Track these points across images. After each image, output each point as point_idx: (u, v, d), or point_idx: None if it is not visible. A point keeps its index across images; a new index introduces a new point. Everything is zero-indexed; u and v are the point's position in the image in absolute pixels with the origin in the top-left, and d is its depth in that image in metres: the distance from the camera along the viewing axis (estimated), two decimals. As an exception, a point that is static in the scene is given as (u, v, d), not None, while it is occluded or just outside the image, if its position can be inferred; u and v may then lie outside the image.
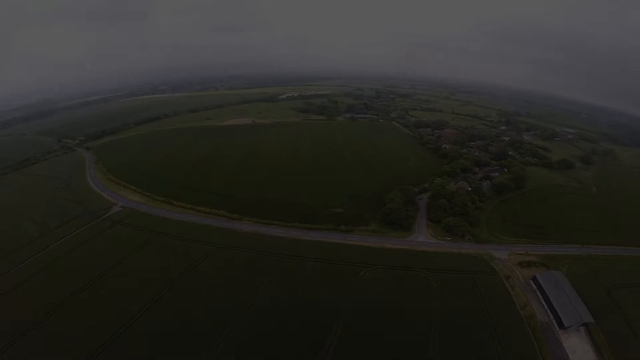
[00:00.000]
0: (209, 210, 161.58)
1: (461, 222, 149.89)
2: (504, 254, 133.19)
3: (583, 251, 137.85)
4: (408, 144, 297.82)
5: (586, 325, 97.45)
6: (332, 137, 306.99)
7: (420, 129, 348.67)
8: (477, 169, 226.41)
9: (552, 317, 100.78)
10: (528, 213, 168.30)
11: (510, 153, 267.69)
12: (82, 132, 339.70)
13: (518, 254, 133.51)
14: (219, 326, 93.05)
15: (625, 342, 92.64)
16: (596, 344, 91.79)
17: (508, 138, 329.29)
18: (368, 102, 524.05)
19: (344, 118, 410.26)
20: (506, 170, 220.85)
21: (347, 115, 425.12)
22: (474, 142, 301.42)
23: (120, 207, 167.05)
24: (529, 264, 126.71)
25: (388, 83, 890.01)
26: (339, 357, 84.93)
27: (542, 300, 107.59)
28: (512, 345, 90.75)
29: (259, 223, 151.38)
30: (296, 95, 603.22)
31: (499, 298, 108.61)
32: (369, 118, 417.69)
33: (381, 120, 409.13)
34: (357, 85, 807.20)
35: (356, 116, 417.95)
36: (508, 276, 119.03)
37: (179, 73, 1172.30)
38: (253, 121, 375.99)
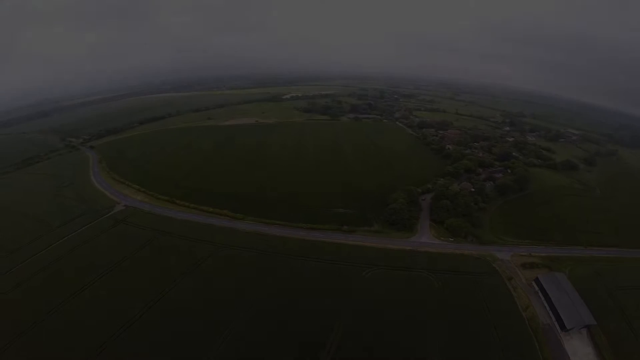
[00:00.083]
0: (212, 209, 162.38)
1: (464, 223, 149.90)
2: (507, 255, 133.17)
3: (586, 253, 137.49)
4: (412, 145, 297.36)
5: (588, 327, 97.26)
6: (336, 137, 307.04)
7: (424, 130, 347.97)
8: (481, 170, 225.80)
9: (554, 319, 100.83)
10: (531, 214, 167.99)
11: (514, 154, 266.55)
12: (86, 131, 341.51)
13: (521, 256, 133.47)
14: (221, 326, 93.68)
15: (626, 345, 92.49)
16: (598, 346, 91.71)
17: (512, 139, 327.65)
18: (372, 102, 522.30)
19: (348, 118, 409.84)
20: (510, 171, 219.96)
21: (351, 115, 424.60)
22: (478, 143, 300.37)
23: (123, 206, 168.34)
24: (532, 266, 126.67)
25: (392, 83, 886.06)
26: (340, 357, 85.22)
27: (545, 302, 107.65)
28: (514, 347, 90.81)
29: (262, 223, 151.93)
30: (300, 95, 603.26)
31: (501, 299, 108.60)
32: (373, 118, 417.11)
33: (385, 120, 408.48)
34: (361, 85, 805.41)
35: (360, 116, 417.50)
36: (510, 277, 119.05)
37: (182, 73, 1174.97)
38: (256, 121, 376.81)
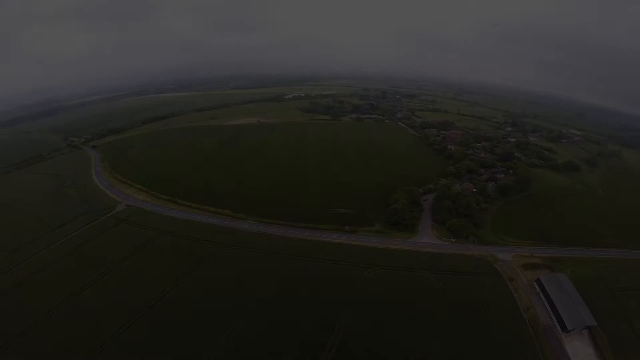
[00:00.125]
0: (214, 209, 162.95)
1: (466, 224, 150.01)
2: (508, 256, 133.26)
3: (587, 254, 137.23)
4: (413, 145, 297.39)
5: (589, 328, 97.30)
6: (338, 137, 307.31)
7: (426, 130, 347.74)
8: (483, 170, 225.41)
9: (555, 320, 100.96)
10: (533, 215, 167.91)
11: (516, 154, 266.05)
12: (88, 131, 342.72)
13: (522, 256, 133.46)
14: (222, 325, 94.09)
15: (627, 346, 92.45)
16: (599, 347, 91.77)
17: (514, 139, 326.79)
18: (374, 103, 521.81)
19: (350, 118, 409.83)
20: (511, 171, 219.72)
21: (353, 115, 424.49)
22: (480, 143, 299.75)
23: (125, 206, 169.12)
24: (533, 266, 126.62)
25: (394, 83, 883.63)
26: (341, 358, 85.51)
27: (546, 302, 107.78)
28: (515, 348, 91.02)
29: (264, 223, 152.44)
30: (302, 95, 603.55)
31: (502, 300, 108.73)
32: (375, 118, 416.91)
33: (387, 120, 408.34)
34: (363, 85, 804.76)
35: (362, 116, 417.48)
36: (512, 278, 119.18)
37: (184, 73, 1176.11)
38: (258, 121, 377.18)
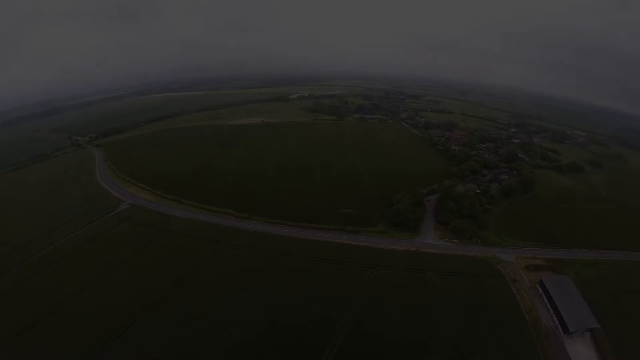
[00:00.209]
0: (217, 209, 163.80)
1: (469, 225, 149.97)
2: (511, 257, 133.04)
3: (591, 256, 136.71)
4: (417, 145, 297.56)
5: (591, 330, 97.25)
6: (341, 137, 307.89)
7: (429, 130, 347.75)
8: (486, 171, 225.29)
9: (558, 322, 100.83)
10: (536, 216, 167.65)
11: (519, 155, 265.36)
12: (92, 130, 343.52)
13: (525, 258, 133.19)
14: (223, 325, 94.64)
15: (630, 349, 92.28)
16: (601, 350, 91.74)
17: (518, 140, 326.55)
18: (378, 103, 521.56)
19: (354, 118, 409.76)
20: (515, 172, 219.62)
21: (357, 115, 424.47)
22: (484, 144, 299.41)
23: (128, 205, 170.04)
24: (536, 268, 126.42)
25: (398, 84, 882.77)
26: (342, 358, 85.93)
27: (548, 304, 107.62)
28: (516, 350, 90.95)
29: (267, 222, 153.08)
30: (306, 95, 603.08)
31: (505, 302, 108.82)
32: (378, 119, 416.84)
33: (390, 121, 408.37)
34: (367, 85, 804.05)
35: (365, 117, 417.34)
36: (514, 280, 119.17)
37: (189, 72, 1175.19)
38: (262, 121, 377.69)
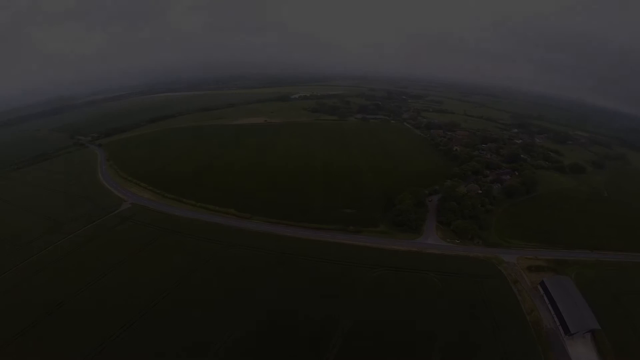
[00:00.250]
0: (219, 208, 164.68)
1: (471, 225, 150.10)
2: (513, 258, 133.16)
3: (592, 257, 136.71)
4: (419, 146, 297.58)
5: (592, 332, 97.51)
6: (343, 138, 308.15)
7: (431, 131, 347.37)
8: (488, 172, 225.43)
9: (559, 323, 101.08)
10: (538, 217, 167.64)
11: (522, 156, 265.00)
12: (95, 129, 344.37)
13: (527, 259, 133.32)
14: (224, 325, 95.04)
15: (631, 350, 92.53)
16: (601, 351, 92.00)
17: (520, 141, 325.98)
18: (380, 103, 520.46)
19: (356, 118, 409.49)
20: (517, 173, 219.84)
21: (359, 115, 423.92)
22: (486, 145, 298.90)
23: (130, 204, 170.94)
24: (538, 269, 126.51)
25: (400, 84, 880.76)
26: (343, 358, 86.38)
27: (549, 305, 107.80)
28: (516, 350, 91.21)
29: (268, 222, 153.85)
30: (308, 95, 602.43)
31: (506, 303, 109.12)
32: (381, 119, 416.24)
33: (392, 121, 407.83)
34: (369, 85, 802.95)
35: (367, 117, 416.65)
36: (516, 281, 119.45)
37: (191, 72, 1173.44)
38: (265, 120, 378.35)
